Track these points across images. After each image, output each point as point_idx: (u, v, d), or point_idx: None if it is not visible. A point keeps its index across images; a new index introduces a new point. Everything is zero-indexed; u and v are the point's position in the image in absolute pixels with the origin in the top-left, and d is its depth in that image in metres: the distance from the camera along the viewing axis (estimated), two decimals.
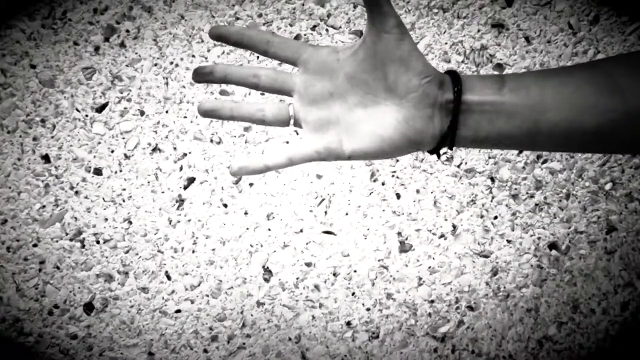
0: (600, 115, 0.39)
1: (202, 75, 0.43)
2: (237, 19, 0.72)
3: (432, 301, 0.77)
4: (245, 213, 0.74)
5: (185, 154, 0.73)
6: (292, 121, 0.44)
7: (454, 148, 0.44)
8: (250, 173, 0.43)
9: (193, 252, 0.74)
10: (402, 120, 0.40)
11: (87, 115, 0.72)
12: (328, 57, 0.42)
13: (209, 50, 0.72)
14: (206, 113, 0.43)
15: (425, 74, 0.40)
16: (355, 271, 0.76)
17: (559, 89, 0.40)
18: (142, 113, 0.72)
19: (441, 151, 0.43)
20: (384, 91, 0.41)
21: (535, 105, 0.40)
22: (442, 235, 0.76)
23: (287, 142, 0.73)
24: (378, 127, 0.41)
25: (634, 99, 0.38)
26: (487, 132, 0.40)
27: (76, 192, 0.72)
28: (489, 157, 0.75)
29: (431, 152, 0.43)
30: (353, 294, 0.76)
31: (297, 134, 0.73)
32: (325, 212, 0.74)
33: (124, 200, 0.73)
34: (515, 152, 0.75)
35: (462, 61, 0.74)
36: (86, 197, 0.72)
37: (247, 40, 0.42)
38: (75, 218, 0.73)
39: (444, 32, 0.73)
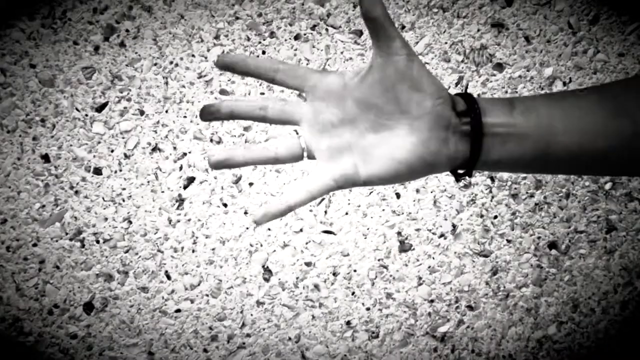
0: (609, 138, 0.39)
1: (209, 114, 0.42)
2: (237, 18, 0.72)
3: (432, 301, 0.77)
4: (245, 213, 0.74)
5: (185, 154, 0.73)
6: (305, 154, 0.43)
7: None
8: (274, 218, 0.42)
9: (193, 251, 0.74)
10: (417, 142, 0.40)
11: (86, 115, 0.72)
12: (335, 83, 0.42)
13: (208, 50, 0.72)
14: (219, 164, 0.42)
15: (438, 95, 0.39)
16: (355, 271, 0.76)
17: (568, 112, 0.40)
18: (141, 113, 0.72)
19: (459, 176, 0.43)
20: (396, 114, 0.40)
21: (546, 128, 0.39)
22: (442, 235, 0.76)
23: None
24: (392, 150, 0.40)
25: None
26: (498, 155, 0.40)
27: (76, 192, 0.72)
28: None
29: (453, 174, 0.43)
30: (353, 293, 0.76)
31: (297, 132, 0.73)
32: (325, 212, 0.74)
33: (123, 200, 0.73)
34: None
35: (462, 60, 0.74)
36: (86, 197, 0.72)
37: (253, 69, 0.42)
38: (75, 218, 0.73)
39: (444, 32, 0.73)
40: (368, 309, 0.76)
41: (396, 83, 0.39)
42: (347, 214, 0.74)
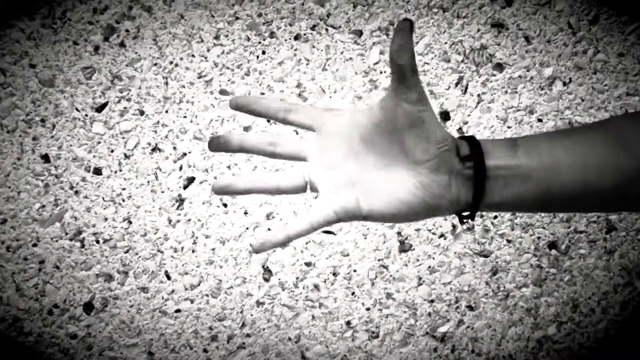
0: (613, 174, 0.39)
1: (217, 146, 0.43)
2: (237, 18, 0.72)
3: (432, 301, 0.77)
4: (245, 213, 0.74)
5: (185, 154, 0.73)
6: (308, 186, 0.43)
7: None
8: (273, 247, 0.43)
9: (193, 251, 0.74)
10: (420, 185, 0.40)
11: (86, 115, 0.72)
12: (345, 122, 0.42)
13: (208, 50, 0.72)
14: (221, 190, 0.43)
15: (443, 142, 0.39)
16: (355, 271, 0.76)
17: (571, 150, 0.40)
18: (141, 113, 0.72)
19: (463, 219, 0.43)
20: (400, 156, 0.40)
21: (549, 167, 0.39)
22: (442, 235, 0.76)
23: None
24: (395, 189, 0.41)
25: None
26: (501, 196, 0.40)
27: (76, 192, 0.72)
28: None
29: (457, 216, 0.43)
30: (353, 293, 0.76)
31: (297, 133, 0.73)
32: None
33: (123, 200, 0.73)
34: None
35: (462, 61, 0.74)
36: (86, 197, 0.72)
37: (265, 110, 0.43)
38: (75, 218, 0.73)
39: (444, 32, 0.74)
40: (368, 309, 0.76)
41: (404, 127, 0.40)
42: None
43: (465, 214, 0.42)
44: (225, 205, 0.73)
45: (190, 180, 0.73)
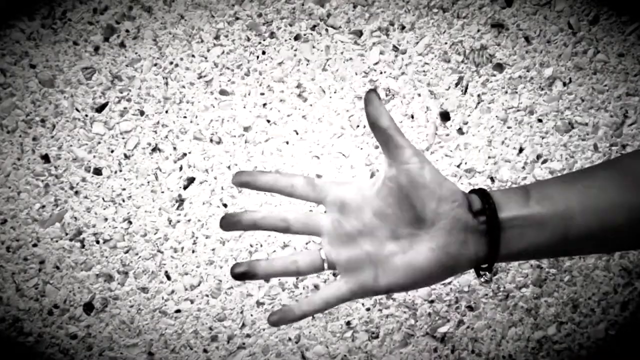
0: (628, 212, 0.39)
1: (230, 225, 0.43)
2: (237, 18, 0.72)
3: (432, 301, 0.77)
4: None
5: (185, 154, 0.73)
6: (326, 265, 0.43)
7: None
8: (288, 323, 0.43)
9: (193, 252, 0.74)
10: (436, 248, 0.40)
11: (86, 115, 0.72)
12: (353, 195, 0.42)
13: (208, 50, 0.72)
14: (239, 276, 0.43)
15: (453, 198, 0.39)
16: None
17: (583, 193, 0.40)
18: (141, 113, 0.72)
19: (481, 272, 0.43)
20: (414, 222, 0.40)
21: (563, 212, 0.39)
22: None
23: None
24: (412, 258, 0.40)
25: None
26: (518, 246, 0.40)
27: (76, 192, 0.72)
28: (489, 157, 0.75)
29: (475, 270, 0.43)
30: None
31: (297, 133, 0.73)
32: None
33: (123, 200, 0.73)
34: (515, 150, 0.75)
35: (462, 61, 0.74)
36: (86, 197, 0.72)
37: (271, 185, 0.43)
38: (75, 218, 0.73)
39: (444, 32, 0.74)
40: (368, 309, 0.76)
41: (410, 191, 0.39)
42: None
43: (483, 266, 0.42)
44: (225, 205, 0.73)
45: (191, 180, 0.73)
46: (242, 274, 0.43)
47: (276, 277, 0.43)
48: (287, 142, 0.73)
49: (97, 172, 0.72)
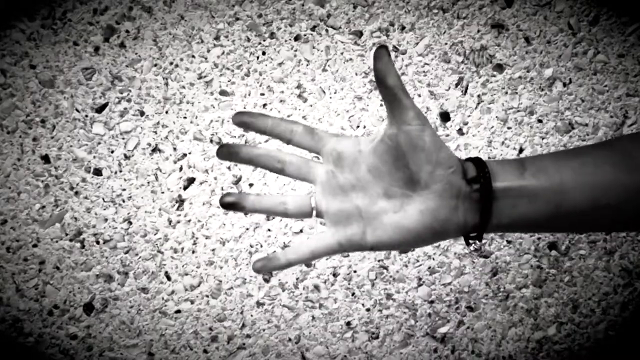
0: (621, 194, 0.39)
1: (226, 153, 0.43)
2: (237, 19, 0.72)
3: (432, 302, 0.77)
4: (246, 213, 0.74)
5: (185, 155, 0.73)
6: (314, 213, 0.43)
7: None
8: (273, 270, 0.43)
9: (193, 252, 0.74)
10: (426, 211, 0.40)
11: (87, 116, 0.72)
12: (350, 149, 0.42)
13: (208, 51, 0.72)
14: (228, 206, 0.43)
15: (449, 164, 0.39)
16: (355, 272, 0.76)
17: (578, 170, 0.40)
18: (142, 113, 0.72)
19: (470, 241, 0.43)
20: (407, 182, 0.40)
21: (557, 187, 0.39)
22: None
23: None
24: (402, 218, 0.41)
25: None
26: (510, 217, 0.40)
27: (76, 193, 0.72)
28: (489, 157, 0.75)
29: (464, 238, 0.43)
30: (353, 294, 0.76)
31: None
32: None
33: (123, 201, 0.73)
34: (515, 151, 0.76)
35: (462, 61, 0.74)
36: (86, 198, 0.72)
37: (270, 127, 0.43)
38: (75, 218, 0.73)
39: (444, 33, 0.74)
40: (368, 309, 0.76)
41: (407, 152, 0.40)
42: None
43: (472, 235, 0.42)
44: None
45: (191, 181, 0.73)
46: (231, 204, 0.43)
47: (263, 214, 0.43)
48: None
49: (97, 172, 0.72)
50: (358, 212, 0.42)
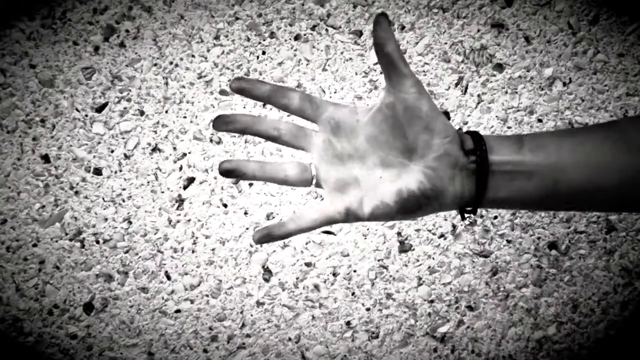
0: (619, 173, 0.39)
1: (223, 124, 0.42)
2: (237, 18, 0.72)
3: (432, 301, 0.77)
4: (245, 213, 0.74)
5: (185, 154, 0.73)
6: (314, 181, 0.43)
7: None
8: (273, 240, 0.43)
9: (193, 252, 0.74)
10: (423, 179, 0.40)
11: (86, 115, 0.72)
12: (348, 117, 0.42)
13: (208, 50, 0.72)
14: (227, 173, 0.42)
15: (446, 133, 0.39)
16: (355, 271, 0.76)
17: (576, 148, 0.40)
18: (141, 113, 0.72)
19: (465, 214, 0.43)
20: (405, 152, 0.41)
21: (554, 165, 0.40)
22: (441, 235, 0.76)
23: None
24: (399, 188, 0.41)
25: None
26: (506, 192, 0.40)
27: (76, 192, 0.72)
28: None
29: (459, 211, 0.43)
30: (353, 294, 0.76)
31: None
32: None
33: (123, 200, 0.73)
34: None
35: (462, 61, 0.74)
36: (86, 197, 0.72)
37: (268, 95, 0.42)
38: (75, 218, 0.73)
39: (444, 32, 0.74)
40: (368, 309, 0.76)
41: (405, 121, 0.40)
42: None
43: (467, 208, 0.42)
44: (225, 205, 0.74)
45: (190, 180, 0.73)
46: (230, 171, 0.42)
47: (263, 181, 0.43)
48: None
49: (97, 172, 0.72)
50: (356, 181, 0.42)
